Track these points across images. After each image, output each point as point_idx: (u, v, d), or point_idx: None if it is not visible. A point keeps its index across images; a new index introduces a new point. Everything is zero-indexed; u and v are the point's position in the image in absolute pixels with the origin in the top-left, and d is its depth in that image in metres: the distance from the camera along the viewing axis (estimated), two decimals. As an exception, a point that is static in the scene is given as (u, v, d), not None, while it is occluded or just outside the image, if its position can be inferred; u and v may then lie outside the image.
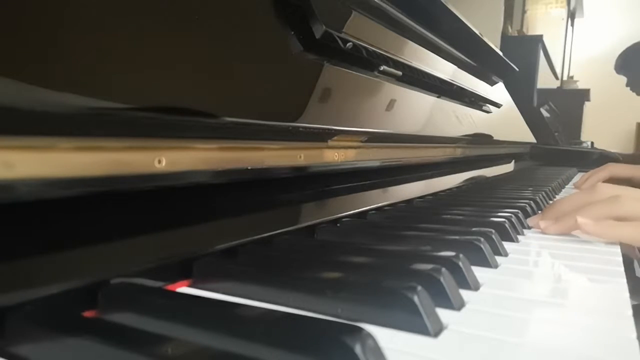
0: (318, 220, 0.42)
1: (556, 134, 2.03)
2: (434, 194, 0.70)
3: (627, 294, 0.30)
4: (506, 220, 0.46)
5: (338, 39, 0.43)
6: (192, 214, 0.31)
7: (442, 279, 0.26)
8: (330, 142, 0.43)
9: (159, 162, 0.26)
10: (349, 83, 0.47)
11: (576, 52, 4.04)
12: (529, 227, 0.52)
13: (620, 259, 0.39)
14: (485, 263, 0.35)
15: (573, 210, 0.49)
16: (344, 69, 0.46)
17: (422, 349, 0.21)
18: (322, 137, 0.42)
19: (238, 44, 0.33)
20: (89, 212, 0.25)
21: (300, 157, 0.39)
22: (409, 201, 0.61)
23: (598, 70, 3.90)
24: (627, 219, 0.46)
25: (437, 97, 0.73)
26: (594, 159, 1.81)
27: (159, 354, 0.18)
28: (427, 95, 0.69)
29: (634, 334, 0.23)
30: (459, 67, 0.88)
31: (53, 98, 0.20)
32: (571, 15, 3.70)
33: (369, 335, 0.18)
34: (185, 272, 0.29)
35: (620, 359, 0.21)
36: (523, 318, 0.25)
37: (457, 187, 0.81)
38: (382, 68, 0.53)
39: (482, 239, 0.36)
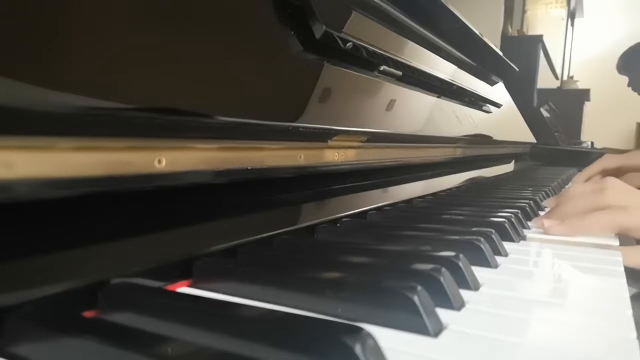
0: (318, 220, 0.42)
1: (556, 134, 2.03)
2: (434, 194, 0.70)
3: (627, 294, 0.30)
4: (506, 220, 0.46)
5: (338, 39, 0.43)
6: (192, 214, 0.31)
7: (442, 279, 0.26)
8: (330, 142, 0.43)
9: (159, 162, 0.26)
10: (349, 83, 0.47)
11: (576, 52, 4.04)
12: (529, 227, 0.52)
13: (620, 259, 0.39)
14: (485, 263, 0.35)
15: (580, 213, 0.48)
16: (344, 69, 0.46)
17: (422, 349, 0.21)
18: (322, 137, 0.42)
19: (238, 43, 0.33)
20: (88, 212, 0.25)
21: (300, 157, 0.39)
22: (409, 201, 0.61)
23: (598, 70, 3.90)
24: (632, 230, 0.46)
25: (437, 97, 0.73)
26: (594, 159, 1.81)
27: (159, 354, 0.18)
28: (427, 95, 0.69)
29: (634, 334, 0.23)
30: (459, 67, 0.88)
31: (53, 98, 0.20)
32: (571, 15, 3.70)
33: (369, 335, 0.18)
34: (185, 272, 0.29)
35: (620, 359, 0.21)
36: (523, 318, 0.25)
37: (457, 187, 0.81)
38: (382, 68, 0.53)
39: (482, 239, 0.36)
